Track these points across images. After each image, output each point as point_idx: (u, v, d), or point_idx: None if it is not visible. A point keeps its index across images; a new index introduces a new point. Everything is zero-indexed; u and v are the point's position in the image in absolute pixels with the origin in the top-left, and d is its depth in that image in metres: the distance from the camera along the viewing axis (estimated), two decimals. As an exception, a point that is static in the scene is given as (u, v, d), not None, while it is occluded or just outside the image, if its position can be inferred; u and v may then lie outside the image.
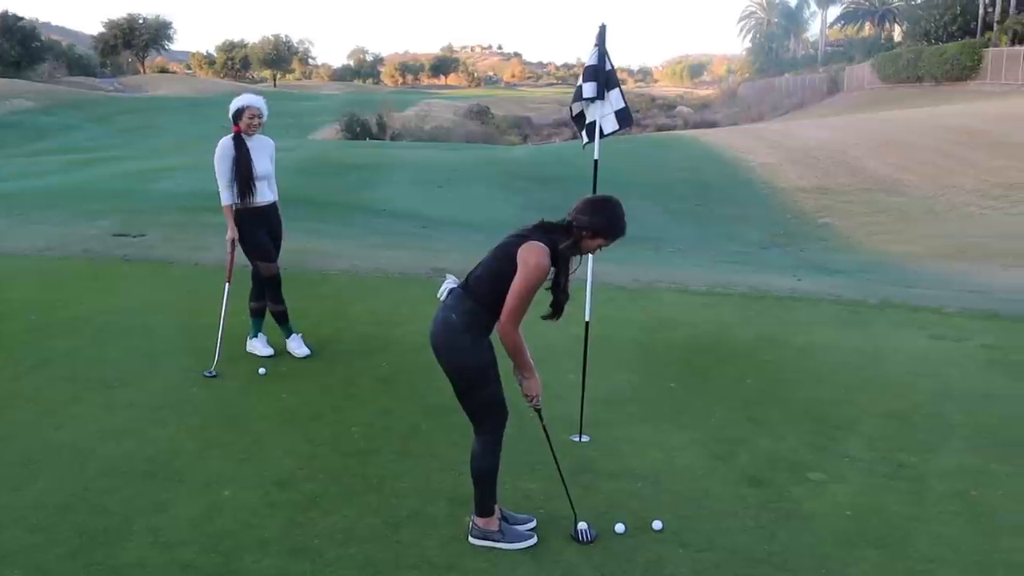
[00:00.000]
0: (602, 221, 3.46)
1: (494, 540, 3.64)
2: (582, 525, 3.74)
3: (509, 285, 3.37)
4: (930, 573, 3.52)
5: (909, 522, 3.96)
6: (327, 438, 4.76)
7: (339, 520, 3.84)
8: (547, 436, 3.82)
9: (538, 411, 3.72)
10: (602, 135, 4.87)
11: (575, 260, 3.54)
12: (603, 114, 4.83)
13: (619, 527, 3.79)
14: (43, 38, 69.10)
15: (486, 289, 3.45)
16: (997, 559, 3.64)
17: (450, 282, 3.59)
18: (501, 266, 3.42)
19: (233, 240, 5.92)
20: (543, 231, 3.45)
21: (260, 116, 5.87)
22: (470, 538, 3.68)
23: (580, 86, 4.87)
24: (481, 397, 3.55)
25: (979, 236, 15.91)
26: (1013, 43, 42.23)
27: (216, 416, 5.06)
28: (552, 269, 3.44)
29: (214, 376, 5.70)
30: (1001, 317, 8.16)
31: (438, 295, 3.58)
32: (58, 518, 3.79)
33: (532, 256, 3.35)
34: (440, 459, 4.46)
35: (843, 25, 77.45)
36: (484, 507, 3.67)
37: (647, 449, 4.71)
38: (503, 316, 3.40)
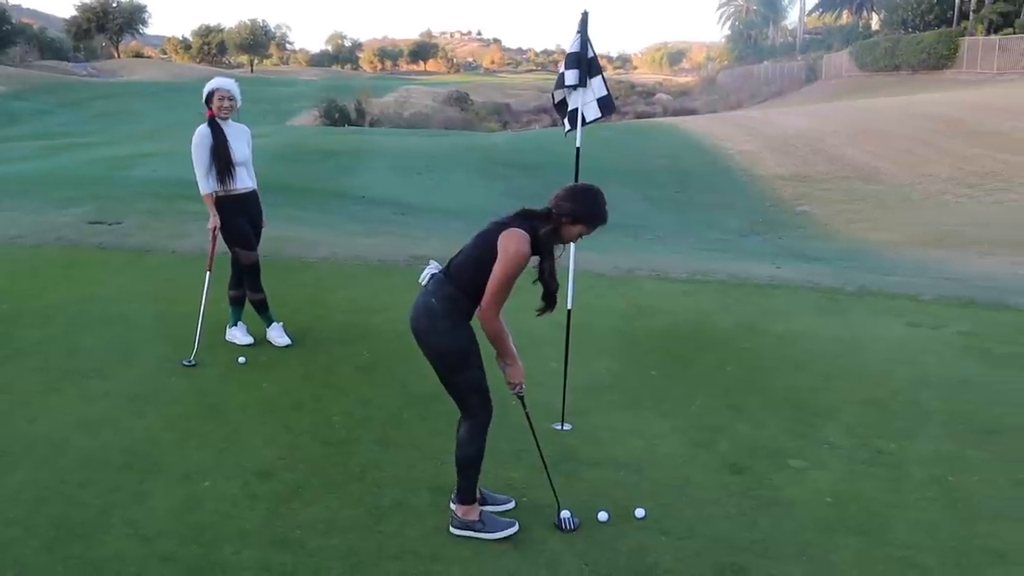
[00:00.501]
0: (583, 208, 3.47)
1: (475, 530, 3.63)
2: (565, 513, 3.74)
3: (489, 272, 3.37)
4: (909, 559, 3.56)
5: (888, 508, 3.99)
6: (308, 428, 4.73)
7: (321, 511, 3.82)
8: (530, 424, 3.81)
9: (521, 399, 3.71)
10: (584, 123, 4.85)
11: (558, 247, 3.53)
12: (585, 102, 4.81)
13: (602, 515, 3.79)
14: (14, 21, 67.81)
15: (467, 275, 3.46)
16: (974, 544, 3.68)
17: (432, 267, 3.59)
18: (482, 253, 3.42)
19: (215, 228, 5.86)
20: (523, 218, 3.46)
21: (231, 98, 5.80)
22: (451, 528, 3.66)
23: (562, 73, 4.84)
24: (465, 381, 3.54)
25: (955, 224, 16.07)
26: (989, 32, 42.58)
27: (195, 406, 5.01)
28: (534, 257, 3.43)
29: (193, 365, 5.64)
30: (977, 304, 8.24)
31: (420, 280, 3.58)
32: (33, 511, 3.74)
33: (512, 243, 3.36)
34: (422, 448, 4.45)
35: (821, 13, 77.74)
36: (466, 496, 3.66)
37: (629, 437, 4.72)
38: (484, 304, 3.41)
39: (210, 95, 5.79)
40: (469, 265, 3.46)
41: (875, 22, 67.29)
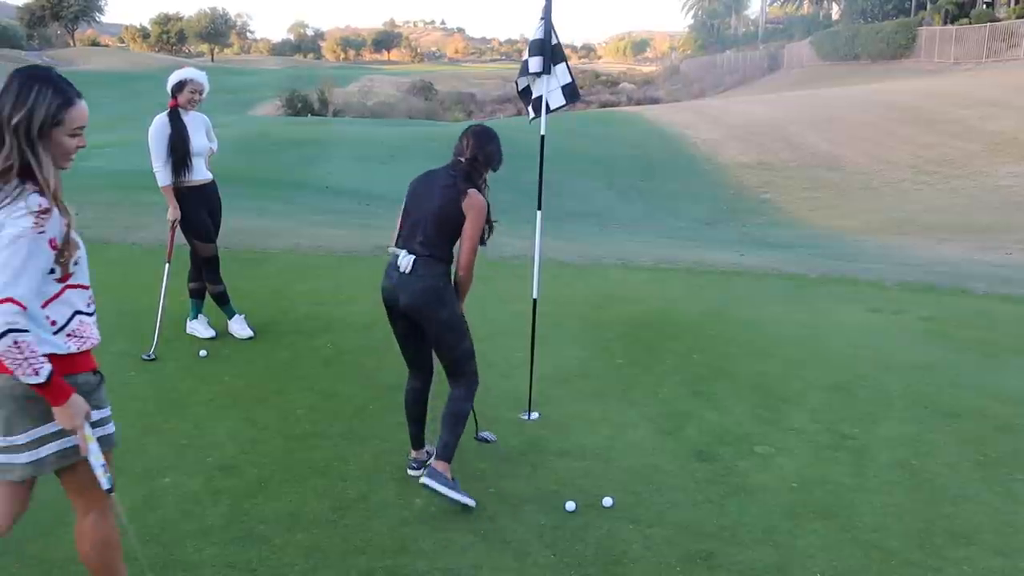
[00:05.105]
0: (496, 149, 3.86)
1: (444, 484, 3.64)
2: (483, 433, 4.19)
3: (454, 238, 3.73)
4: (874, 542, 3.58)
5: (853, 492, 4.03)
6: (271, 421, 4.65)
7: (285, 505, 3.76)
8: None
9: None
10: (548, 110, 4.81)
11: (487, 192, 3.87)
12: (549, 89, 4.77)
13: (569, 505, 3.78)
14: (-36, 9, 66.01)
15: (444, 247, 3.74)
16: (938, 526, 3.72)
17: (405, 254, 3.72)
18: (451, 224, 3.71)
19: (176, 220, 5.74)
20: (466, 178, 3.76)
21: (201, 92, 5.68)
22: (423, 479, 3.67)
23: (526, 60, 4.79)
24: (466, 347, 3.81)
25: (914, 211, 16.33)
26: (946, 22, 43.25)
27: (155, 401, 4.91)
28: None
29: (153, 359, 5.53)
30: (937, 290, 8.38)
31: (401, 268, 3.69)
32: (-13, 511, 3.62)
33: (478, 205, 3.71)
34: (387, 441, 4.39)
35: (783, 3, 78.41)
36: (450, 452, 3.74)
37: (596, 426, 4.71)
38: (466, 265, 3.76)
39: (180, 85, 5.62)
40: (443, 238, 3.73)
41: (835, 12, 68.06)
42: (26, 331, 2.23)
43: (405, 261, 3.70)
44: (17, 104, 2.27)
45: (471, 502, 3.68)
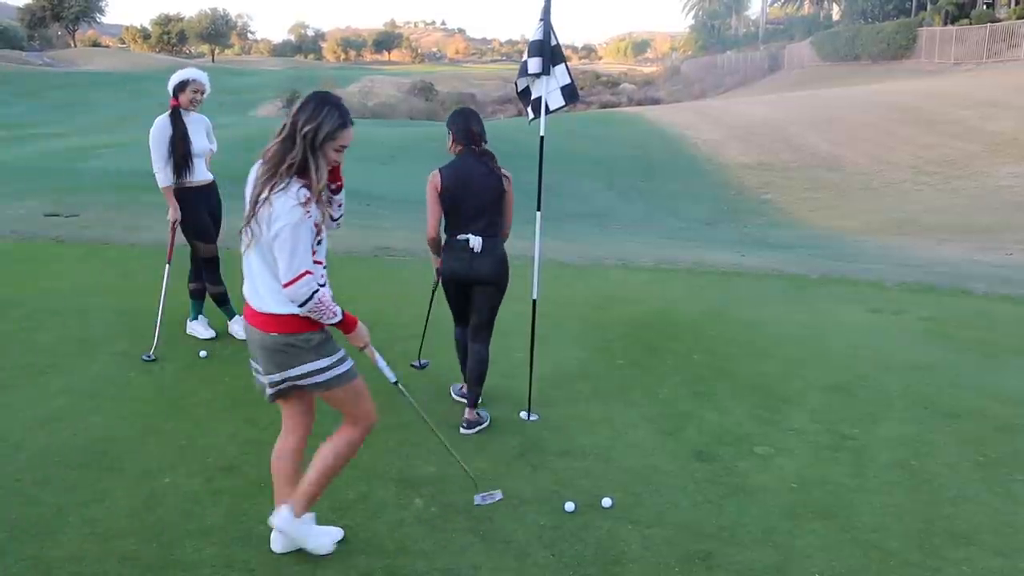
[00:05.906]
0: (483, 126, 4.57)
1: (481, 424, 4.59)
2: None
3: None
4: (874, 542, 3.58)
5: (852, 493, 4.03)
6: (272, 422, 4.62)
7: (285, 505, 3.75)
8: None
9: None
10: (548, 111, 4.81)
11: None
12: (549, 90, 4.77)
13: (569, 505, 3.78)
14: (-35, 10, 65.98)
15: (499, 224, 4.53)
16: (937, 527, 3.72)
17: (473, 236, 4.41)
18: (502, 203, 4.49)
19: (175, 221, 5.74)
20: (491, 158, 4.46)
21: (203, 92, 5.69)
22: (463, 430, 4.51)
23: (525, 61, 4.80)
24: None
25: (914, 211, 16.33)
26: (946, 23, 43.24)
27: (156, 401, 4.91)
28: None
29: (153, 360, 5.53)
30: (937, 290, 8.37)
31: (475, 250, 4.42)
32: (-13, 511, 3.63)
33: (511, 180, 4.50)
34: (387, 441, 4.39)
35: (783, 3, 78.41)
36: (479, 400, 4.66)
37: (596, 426, 4.71)
38: (508, 228, 4.62)
39: (183, 85, 5.62)
40: (498, 218, 4.49)
41: (836, 12, 68.05)
42: (318, 289, 3.05)
43: (476, 242, 4.42)
44: (311, 118, 2.93)
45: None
